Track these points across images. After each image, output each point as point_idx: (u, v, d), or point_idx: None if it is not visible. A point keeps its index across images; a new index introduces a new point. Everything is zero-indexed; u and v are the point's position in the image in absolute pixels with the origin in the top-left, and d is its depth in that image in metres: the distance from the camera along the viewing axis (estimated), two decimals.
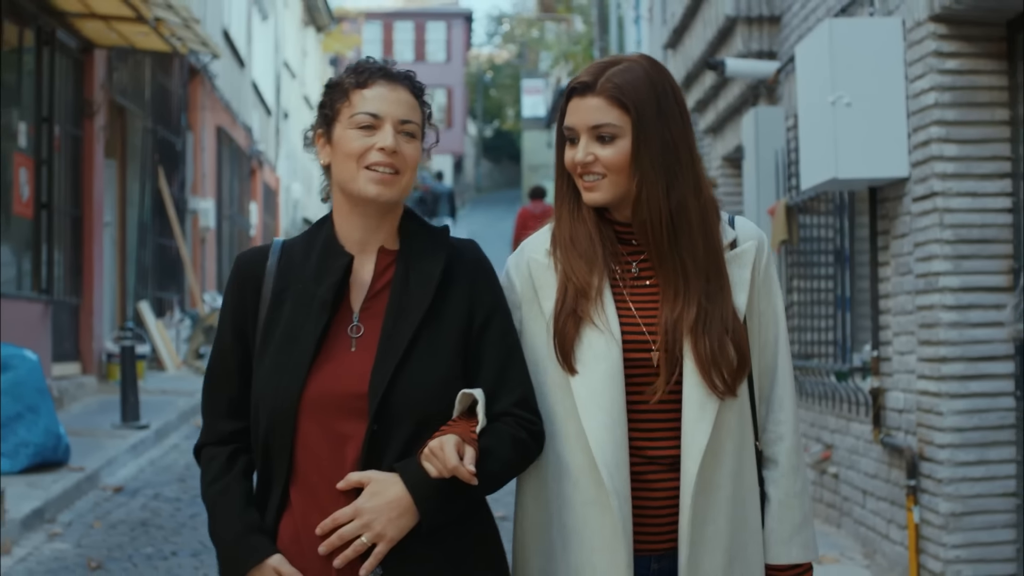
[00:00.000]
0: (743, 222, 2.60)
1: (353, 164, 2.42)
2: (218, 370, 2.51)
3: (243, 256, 2.57)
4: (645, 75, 2.49)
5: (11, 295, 9.95)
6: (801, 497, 2.57)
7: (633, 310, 2.51)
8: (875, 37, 6.21)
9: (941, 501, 5.83)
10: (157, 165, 14.58)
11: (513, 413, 2.43)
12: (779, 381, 2.58)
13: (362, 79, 2.46)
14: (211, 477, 2.47)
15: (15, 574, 6.62)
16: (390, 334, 2.41)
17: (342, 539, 2.32)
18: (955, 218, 5.81)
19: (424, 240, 2.51)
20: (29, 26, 10.48)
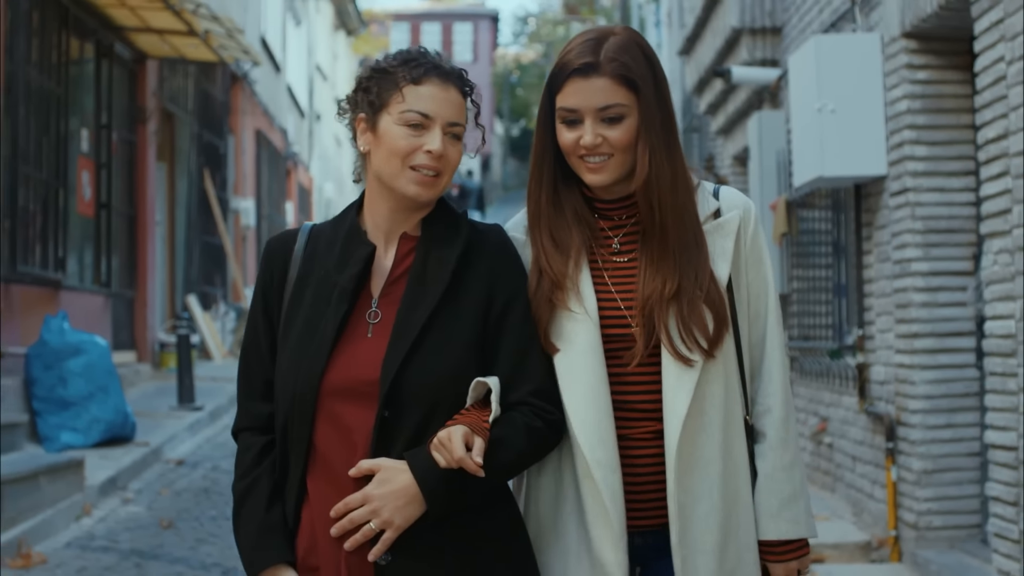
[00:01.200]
0: (728, 191, 2.57)
1: (398, 161, 2.41)
2: (252, 352, 2.53)
3: (273, 240, 2.59)
4: (638, 46, 2.46)
5: (75, 287, 10.82)
6: (790, 471, 2.51)
7: (611, 286, 2.50)
8: (856, 51, 7.00)
9: (915, 460, 6.61)
10: (202, 167, 15.47)
11: (529, 402, 2.41)
12: (768, 353, 2.54)
13: (416, 74, 2.42)
14: (242, 471, 2.50)
15: (97, 532, 7.48)
16: (404, 321, 2.40)
17: (352, 523, 2.34)
18: (925, 211, 6.60)
19: (444, 226, 2.49)
20: (89, 40, 11.34)
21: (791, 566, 2.53)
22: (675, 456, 2.41)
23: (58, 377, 9.01)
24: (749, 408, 2.54)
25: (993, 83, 5.43)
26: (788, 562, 2.52)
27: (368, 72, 2.46)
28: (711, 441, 2.45)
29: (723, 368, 2.47)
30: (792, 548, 2.51)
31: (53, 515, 7.39)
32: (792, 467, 2.51)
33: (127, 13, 11.16)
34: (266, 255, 2.55)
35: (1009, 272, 5.28)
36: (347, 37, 35.47)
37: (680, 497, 2.42)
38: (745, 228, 2.53)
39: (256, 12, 18.87)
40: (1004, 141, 5.31)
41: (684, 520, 2.42)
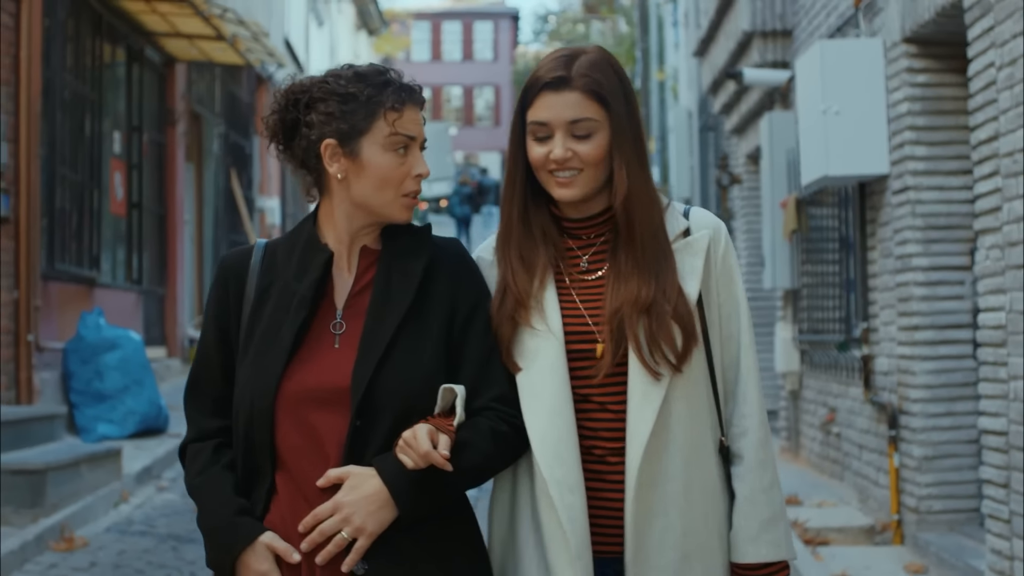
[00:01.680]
0: (699, 212, 2.58)
1: (391, 190, 2.44)
2: (202, 370, 2.52)
3: (227, 257, 2.59)
4: (610, 65, 2.48)
5: (109, 285, 11.19)
6: (769, 493, 2.49)
7: (579, 303, 2.51)
8: (860, 55, 7.29)
9: (915, 447, 6.91)
10: (229, 167, 15.84)
11: (493, 407, 2.43)
12: (743, 374, 2.52)
13: (398, 102, 2.44)
14: (196, 469, 2.48)
15: (135, 517, 7.84)
16: (372, 331, 2.41)
17: (323, 535, 2.33)
18: (925, 208, 6.89)
19: (407, 240, 2.51)
20: (120, 45, 11.72)
21: None
22: (636, 472, 2.40)
23: (94, 371, 9.38)
24: (724, 430, 2.53)
25: (985, 87, 5.72)
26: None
27: (322, 94, 2.42)
28: (673, 460, 2.42)
29: (691, 387, 2.46)
30: (772, 571, 2.50)
31: (93, 501, 7.75)
32: (771, 488, 2.50)
33: (158, 19, 11.53)
34: (220, 272, 2.55)
35: (999, 266, 5.57)
36: (368, 37, 35.84)
37: (637, 515, 2.40)
38: (715, 248, 2.53)
39: (280, 14, 19.24)
40: (995, 142, 5.60)
41: (639, 536, 2.41)
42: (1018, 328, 5.30)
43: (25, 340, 8.76)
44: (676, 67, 20.38)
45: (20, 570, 6.60)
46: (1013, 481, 5.43)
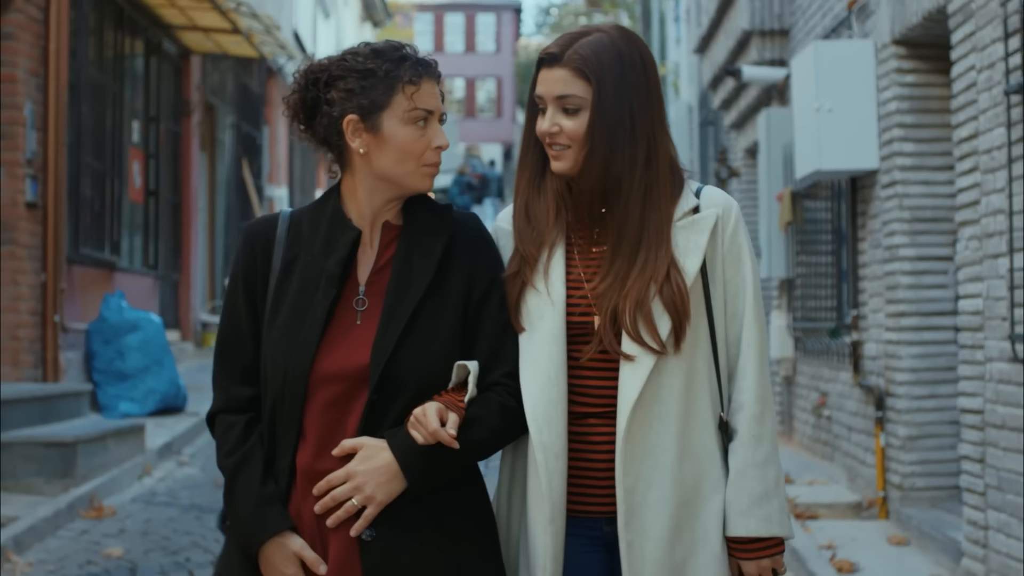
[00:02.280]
0: (711, 191, 2.61)
1: (412, 161, 2.49)
2: (231, 336, 2.55)
3: (252, 225, 2.62)
4: (612, 45, 2.51)
5: (127, 269, 11.59)
6: (763, 468, 2.51)
7: (582, 275, 2.56)
8: (852, 56, 7.68)
9: (900, 427, 7.31)
10: (241, 156, 16.23)
11: (503, 383, 2.49)
12: (744, 351, 2.55)
13: (416, 76, 2.49)
14: (229, 447, 2.52)
15: (158, 489, 8.24)
16: (392, 308, 2.46)
17: (334, 500, 2.41)
18: (912, 201, 7.28)
19: (427, 216, 2.56)
20: (139, 37, 12.10)
21: (763, 564, 2.54)
22: (623, 442, 2.45)
23: (116, 351, 9.78)
24: (724, 406, 2.57)
25: (966, 88, 6.11)
26: (759, 559, 2.53)
27: (341, 72, 2.48)
28: (666, 431, 2.47)
29: (687, 361, 2.50)
30: (764, 546, 2.52)
31: (119, 474, 8.15)
32: (765, 464, 2.51)
33: (176, 12, 11.91)
34: (245, 238, 2.57)
35: (978, 256, 5.96)
36: (373, 29, 36.20)
37: (627, 483, 2.45)
38: (724, 226, 2.56)
39: (289, 7, 19.62)
40: (975, 140, 5.99)
41: (631, 506, 2.45)
42: (994, 314, 5.70)
43: (52, 321, 9.15)
44: (677, 62, 20.73)
45: (54, 535, 7.00)
46: (988, 456, 5.83)
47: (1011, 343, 5.45)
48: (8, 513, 6.96)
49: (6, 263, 8.82)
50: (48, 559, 6.55)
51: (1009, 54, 5.44)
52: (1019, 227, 5.38)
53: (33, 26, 9.06)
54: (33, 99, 9.02)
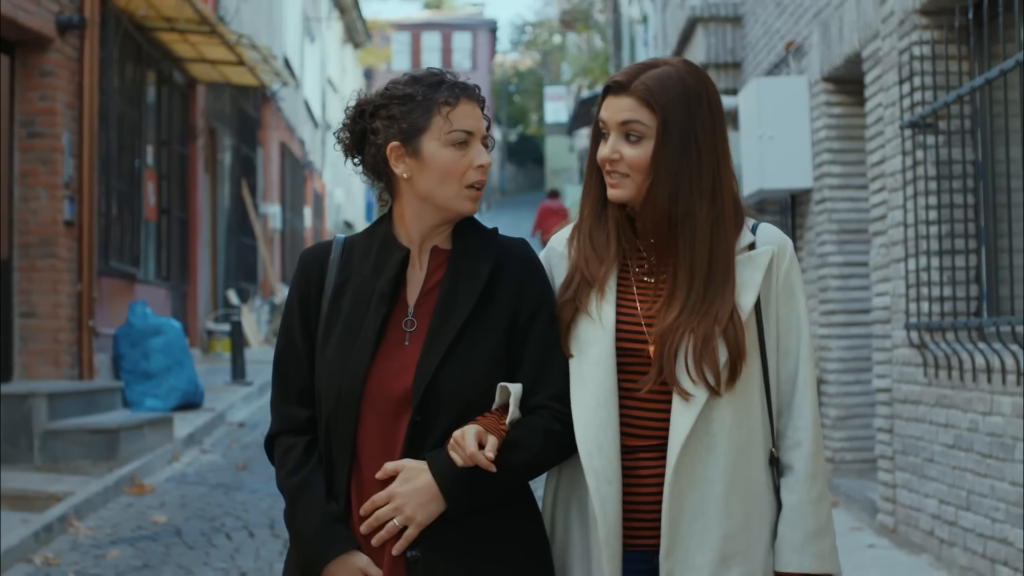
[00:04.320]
0: (766, 228, 2.60)
1: (455, 183, 2.50)
2: (288, 359, 2.58)
3: (308, 251, 2.66)
4: (679, 79, 2.51)
5: (145, 280, 12.73)
6: (817, 505, 2.51)
7: (637, 303, 2.56)
8: (789, 91, 8.91)
9: (832, 409, 8.52)
10: (239, 177, 17.40)
11: (548, 406, 2.48)
12: (799, 388, 2.55)
13: (452, 97, 2.50)
14: (290, 468, 2.53)
15: (187, 472, 9.40)
16: (436, 330, 2.48)
17: (378, 521, 2.44)
18: (839, 215, 8.51)
19: (475, 241, 2.57)
20: (152, 69, 13.25)
21: None
22: (672, 473, 2.44)
23: (142, 353, 10.92)
24: (775, 441, 2.56)
25: (875, 122, 7.34)
26: None
27: (384, 100, 2.52)
28: (714, 464, 2.47)
29: (741, 396, 2.50)
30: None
31: (152, 458, 9.29)
32: (820, 501, 2.52)
33: (188, 47, 13.08)
34: (302, 264, 2.62)
35: (886, 261, 7.19)
36: (354, 50, 37.37)
37: (673, 513, 2.45)
38: (779, 264, 2.56)
39: (280, 34, 20.81)
40: (882, 164, 7.22)
41: (674, 535, 2.45)
42: (898, 308, 6.92)
43: (87, 326, 10.29)
44: None
45: (105, 507, 8.14)
46: (896, 427, 7.05)
47: (907, 331, 6.67)
48: (63, 489, 8.10)
49: (47, 275, 9.95)
50: (104, 525, 7.70)
51: (904, 95, 6.67)
52: (912, 237, 6.60)
53: (69, 64, 10.22)
54: (70, 129, 10.17)
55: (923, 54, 6.47)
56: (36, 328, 9.91)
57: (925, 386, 6.53)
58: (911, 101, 6.56)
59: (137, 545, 7.22)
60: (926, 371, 6.49)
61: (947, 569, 6.26)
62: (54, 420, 8.94)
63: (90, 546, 7.19)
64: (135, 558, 6.91)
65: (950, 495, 6.21)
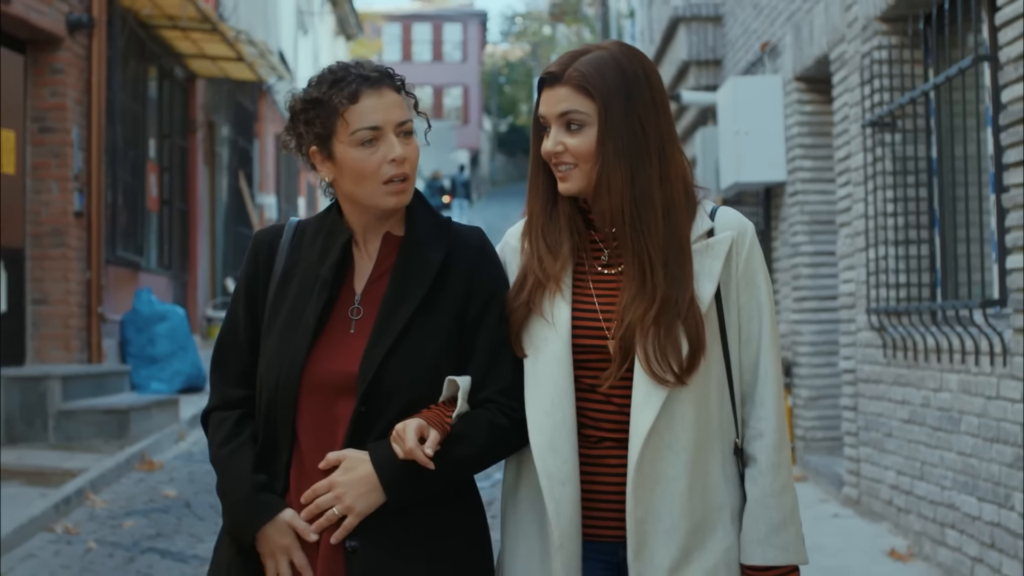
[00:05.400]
0: (726, 212, 2.52)
1: (370, 182, 2.44)
2: (228, 340, 2.56)
3: (260, 233, 2.62)
4: (614, 61, 2.45)
5: (148, 269, 13.22)
6: (780, 497, 2.46)
7: (594, 299, 2.50)
8: (764, 89, 9.42)
9: (803, 390, 9.03)
10: (237, 168, 17.87)
11: (495, 400, 2.45)
12: (761, 377, 2.49)
13: (350, 92, 2.42)
14: (220, 440, 2.52)
15: (193, 450, 9.89)
16: (385, 319, 2.43)
17: (318, 508, 2.42)
18: (811, 207, 9.02)
19: (428, 228, 2.52)
20: (154, 65, 13.71)
21: None
22: (634, 472, 2.40)
23: (147, 338, 11.41)
24: (739, 431, 2.51)
25: (842, 120, 7.84)
26: None
27: (300, 104, 2.47)
28: (677, 460, 2.41)
29: (700, 389, 2.44)
30: (780, 574, 2.48)
31: (160, 438, 9.79)
32: (783, 493, 2.47)
33: (189, 44, 13.55)
34: (253, 247, 2.58)
35: (851, 250, 7.70)
36: (346, 42, 37.79)
37: (638, 513, 2.41)
38: (738, 250, 2.49)
39: (275, 28, 21.27)
40: (848, 160, 7.73)
41: (642, 536, 2.41)
42: (861, 294, 7.44)
43: (95, 312, 10.78)
44: None
45: (118, 482, 8.64)
46: (859, 405, 7.57)
47: (868, 316, 7.19)
48: (78, 466, 8.59)
49: (59, 263, 10.43)
50: (118, 498, 8.19)
51: (866, 96, 7.17)
52: (873, 227, 7.11)
53: (78, 61, 10.69)
54: (79, 124, 10.65)
55: (883, 58, 6.97)
56: (48, 314, 10.40)
57: (884, 366, 7.04)
58: (872, 102, 7.06)
59: (150, 516, 7.72)
60: (885, 352, 7.00)
61: (903, 535, 6.78)
62: (67, 401, 9.44)
63: (106, 517, 7.69)
64: (149, 527, 7.41)
65: (906, 467, 6.72)
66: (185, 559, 6.74)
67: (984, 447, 5.63)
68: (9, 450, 9.00)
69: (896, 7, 6.77)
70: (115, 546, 6.98)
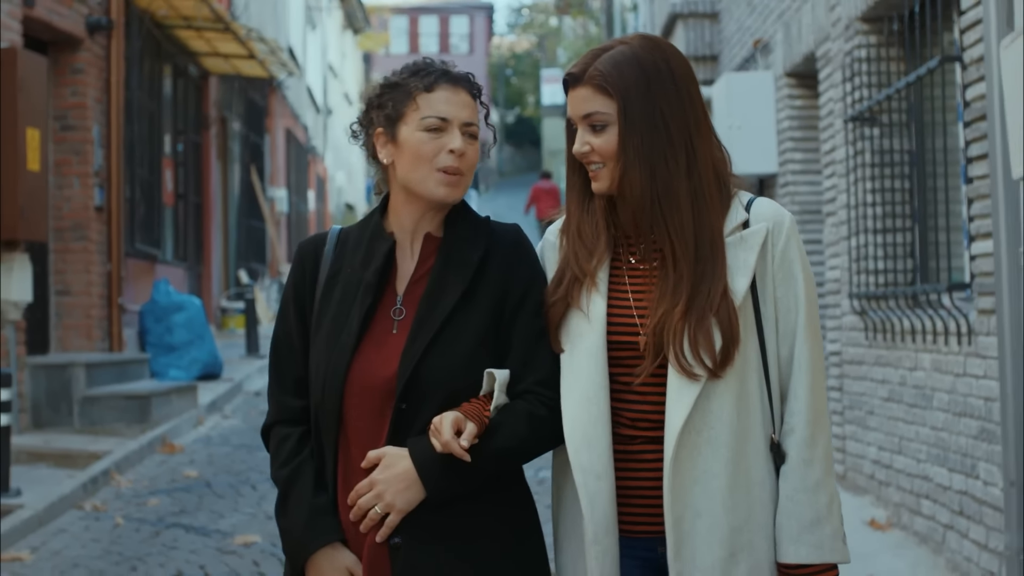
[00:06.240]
0: (762, 203, 2.50)
1: (425, 166, 2.48)
2: (284, 350, 2.59)
3: (304, 242, 2.66)
4: (634, 56, 2.43)
5: (165, 261, 13.66)
6: (814, 493, 2.42)
7: (629, 294, 2.50)
8: (756, 84, 9.82)
9: None
10: (248, 163, 18.31)
11: (534, 391, 2.46)
12: (796, 372, 2.45)
13: (428, 82, 2.49)
14: (283, 459, 2.54)
15: (212, 435, 10.33)
16: (423, 318, 2.47)
17: (361, 509, 2.44)
18: (801, 197, 9.43)
19: (467, 229, 2.56)
20: (169, 63, 14.14)
21: None
22: (671, 469, 2.38)
23: (166, 328, 11.85)
24: (775, 427, 2.47)
25: (827, 115, 8.25)
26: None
27: (378, 89, 2.56)
28: (716, 456, 2.39)
29: (737, 384, 2.41)
30: (815, 572, 2.44)
31: (180, 422, 10.23)
32: (816, 489, 2.43)
33: (203, 42, 13.99)
34: (298, 255, 2.63)
35: (836, 238, 8.11)
36: (354, 36, 38.18)
37: (676, 511, 2.39)
38: (774, 242, 2.45)
39: (284, 24, 21.69)
40: (833, 153, 8.13)
41: (680, 534, 2.39)
42: (845, 280, 7.84)
43: (116, 303, 11.22)
44: None
45: (141, 464, 9.08)
46: (844, 385, 7.98)
47: (851, 300, 7.60)
48: (102, 448, 9.03)
49: (81, 256, 10.87)
50: (142, 478, 8.63)
51: (848, 92, 7.58)
52: (855, 217, 7.52)
53: (98, 62, 11.12)
54: (99, 122, 11.08)
55: (864, 56, 7.37)
56: (70, 305, 10.85)
57: (866, 348, 7.45)
58: (853, 98, 7.46)
59: (173, 495, 8.15)
60: (867, 335, 7.41)
61: (884, 506, 7.19)
62: (91, 387, 9.88)
63: (131, 496, 8.13)
64: (172, 505, 7.85)
65: (886, 442, 7.13)
66: (208, 533, 7.17)
67: (953, 421, 6.04)
68: (36, 434, 9.46)
69: (875, 8, 7.16)
70: (141, 522, 7.42)
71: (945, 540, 6.16)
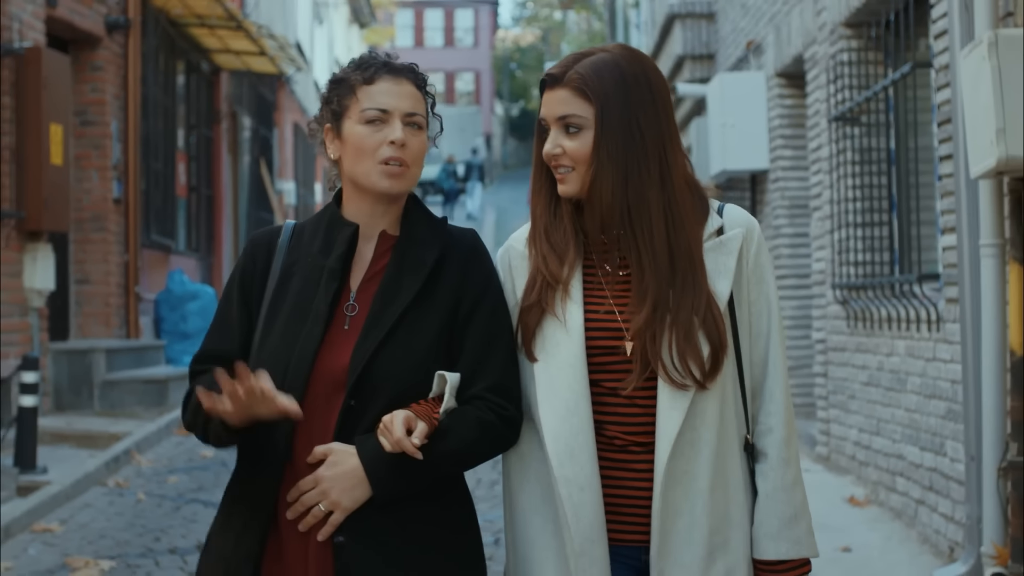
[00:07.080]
0: (733, 210, 2.54)
1: (368, 159, 2.46)
2: (218, 338, 2.54)
3: (258, 233, 2.64)
4: (615, 64, 2.44)
5: (178, 252, 14.09)
6: (791, 491, 2.48)
7: (611, 299, 2.48)
8: (748, 84, 10.24)
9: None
10: (258, 156, 18.74)
11: (484, 397, 2.45)
12: (770, 372, 2.50)
13: (368, 75, 2.48)
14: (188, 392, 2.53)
15: None
16: (376, 316, 2.45)
17: (303, 505, 2.41)
18: (791, 192, 9.85)
19: (423, 228, 2.55)
20: (182, 59, 14.56)
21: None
22: (663, 473, 2.39)
23: (180, 316, 12.28)
24: (750, 427, 2.52)
25: (814, 114, 8.67)
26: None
27: (327, 86, 2.55)
28: (699, 457, 2.42)
29: (720, 387, 2.44)
30: (792, 567, 2.50)
31: None
32: (794, 487, 2.49)
33: (215, 40, 14.41)
34: (250, 245, 2.60)
35: (821, 231, 8.53)
36: (360, 30, 38.55)
37: (663, 511, 2.40)
38: (748, 246, 2.50)
39: (292, 19, 22.11)
40: (820, 150, 8.55)
41: (664, 534, 2.41)
42: (829, 271, 8.27)
43: (133, 292, 11.66)
44: None
45: (159, 445, 9.52)
46: (829, 371, 8.41)
47: (834, 290, 8.03)
48: (122, 430, 9.47)
49: (100, 247, 11.31)
50: (160, 458, 9.07)
51: (832, 94, 8.00)
52: (839, 212, 7.94)
53: (116, 59, 11.55)
54: (117, 117, 11.51)
55: (847, 59, 7.78)
56: (89, 293, 11.29)
57: (848, 336, 7.87)
58: (837, 99, 7.88)
59: (191, 473, 8.59)
60: (848, 323, 7.84)
61: (863, 485, 7.62)
62: (111, 372, 10.33)
63: (152, 474, 8.57)
64: (191, 482, 8.29)
65: (866, 424, 7.56)
66: None
67: (924, 403, 6.46)
68: (59, 416, 9.90)
69: (858, 13, 7.58)
70: (162, 498, 7.86)
71: (917, 514, 6.58)
